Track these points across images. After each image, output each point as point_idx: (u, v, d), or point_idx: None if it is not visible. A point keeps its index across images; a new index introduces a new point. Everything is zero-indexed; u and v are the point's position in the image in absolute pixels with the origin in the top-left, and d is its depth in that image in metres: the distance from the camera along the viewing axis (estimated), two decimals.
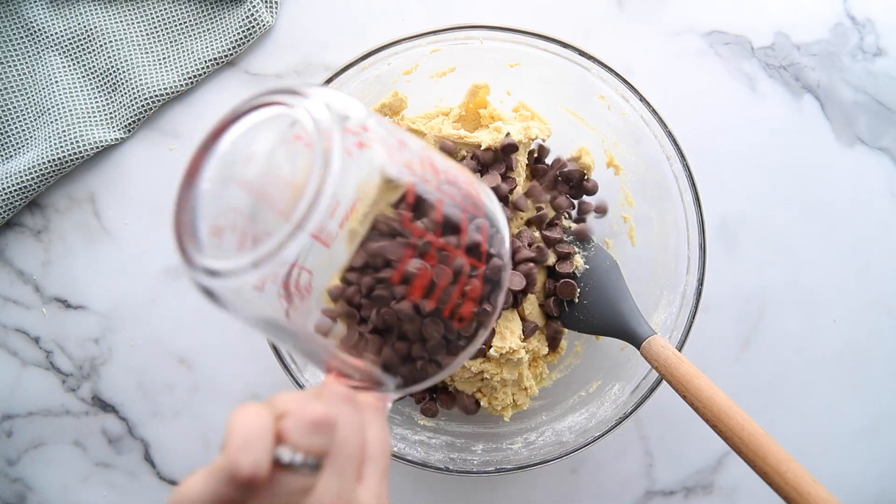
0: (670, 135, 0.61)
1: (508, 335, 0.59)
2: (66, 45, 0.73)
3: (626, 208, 0.69)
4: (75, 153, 0.71)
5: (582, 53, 0.61)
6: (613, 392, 0.63)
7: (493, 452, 0.63)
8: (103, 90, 0.73)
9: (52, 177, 0.71)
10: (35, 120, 0.72)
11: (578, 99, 0.66)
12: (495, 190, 0.60)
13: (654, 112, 0.61)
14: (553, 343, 0.65)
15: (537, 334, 0.63)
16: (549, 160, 0.67)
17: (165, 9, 0.74)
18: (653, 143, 0.62)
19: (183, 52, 0.74)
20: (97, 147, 0.71)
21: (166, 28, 0.74)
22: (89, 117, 0.72)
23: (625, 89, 0.61)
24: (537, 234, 0.64)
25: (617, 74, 0.61)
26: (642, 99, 0.61)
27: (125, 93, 0.72)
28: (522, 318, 0.62)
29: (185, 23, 0.74)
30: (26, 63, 0.73)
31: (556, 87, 0.66)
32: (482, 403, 0.63)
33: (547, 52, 0.62)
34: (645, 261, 0.67)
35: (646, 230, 0.67)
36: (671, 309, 0.62)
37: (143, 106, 0.72)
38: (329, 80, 0.61)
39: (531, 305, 0.62)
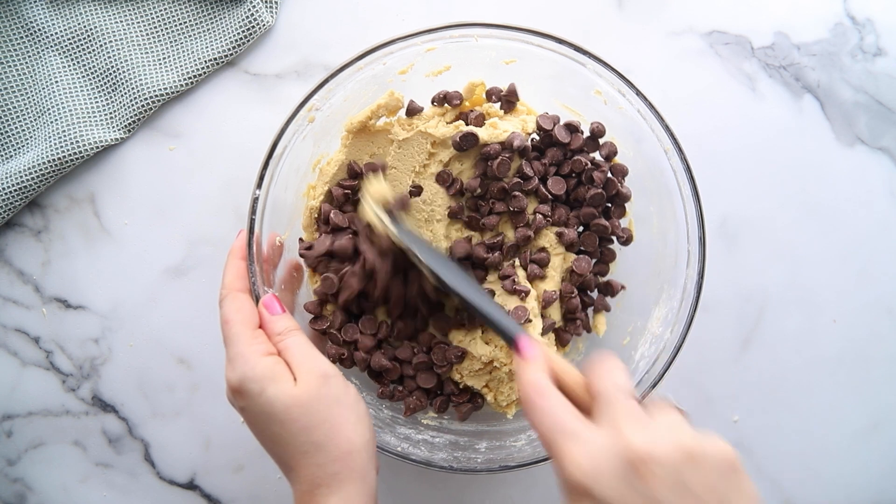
0: (667, 129, 0.60)
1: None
2: (66, 45, 0.73)
3: (626, 204, 0.68)
4: (75, 153, 0.71)
5: (578, 49, 0.61)
6: None
7: (496, 450, 0.62)
8: (103, 90, 0.73)
9: (52, 177, 0.71)
10: (35, 120, 0.72)
11: (576, 95, 0.66)
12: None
13: (650, 106, 0.60)
14: (561, 340, 0.65)
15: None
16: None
17: (165, 9, 0.74)
18: (650, 137, 0.62)
19: (183, 52, 0.74)
20: (97, 147, 0.71)
21: (166, 28, 0.74)
22: (89, 117, 0.72)
23: (622, 84, 0.61)
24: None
25: (613, 69, 0.60)
26: (639, 93, 0.60)
27: (125, 93, 0.72)
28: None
29: (185, 23, 0.74)
30: (26, 63, 0.73)
31: (552, 84, 0.65)
32: (487, 398, 0.63)
33: (542, 48, 0.61)
34: (645, 256, 0.67)
35: (645, 226, 0.67)
36: (672, 303, 0.62)
37: (143, 106, 0.72)
38: (325, 81, 0.60)
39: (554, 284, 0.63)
